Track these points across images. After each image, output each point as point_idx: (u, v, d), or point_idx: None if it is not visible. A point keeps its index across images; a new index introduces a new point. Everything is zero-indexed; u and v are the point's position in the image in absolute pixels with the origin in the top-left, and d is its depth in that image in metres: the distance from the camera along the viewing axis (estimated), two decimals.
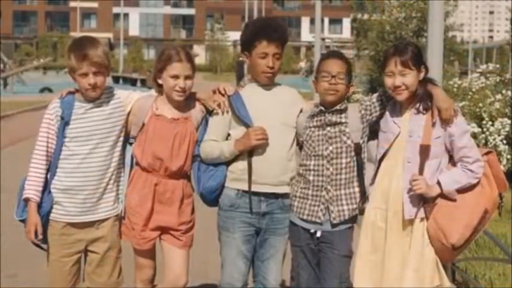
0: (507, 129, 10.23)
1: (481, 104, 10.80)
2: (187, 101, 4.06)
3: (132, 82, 37.31)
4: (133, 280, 4.20)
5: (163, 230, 4.05)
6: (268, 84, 4.00)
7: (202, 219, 4.18)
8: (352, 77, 4.03)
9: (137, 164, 4.05)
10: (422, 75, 3.76)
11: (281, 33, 3.96)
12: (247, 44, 3.95)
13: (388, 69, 3.73)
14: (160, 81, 4.02)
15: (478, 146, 9.69)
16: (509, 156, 10.05)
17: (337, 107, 3.89)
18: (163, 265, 4.13)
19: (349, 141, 3.87)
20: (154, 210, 4.01)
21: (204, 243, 4.35)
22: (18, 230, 4.04)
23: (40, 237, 3.94)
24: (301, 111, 3.99)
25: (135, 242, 4.05)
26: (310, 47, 53.73)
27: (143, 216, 4.00)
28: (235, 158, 3.92)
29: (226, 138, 3.97)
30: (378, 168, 3.84)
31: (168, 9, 73.10)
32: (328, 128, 3.89)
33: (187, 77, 3.96)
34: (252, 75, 4.03)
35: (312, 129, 3.92)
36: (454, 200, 3.66)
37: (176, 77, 3.94)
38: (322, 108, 3.91)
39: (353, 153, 3.87)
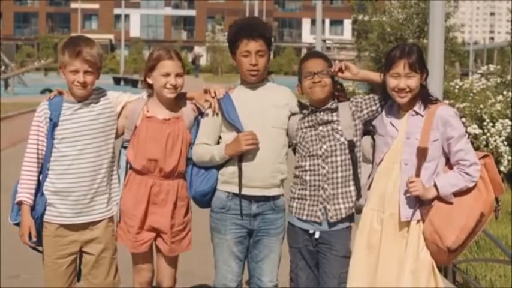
0: (508, 130, 10.24)
1: (482, 105, 10.81)
2: (178, 100, 4.08)
3: (133, 83, 37.29)
4: (131, 281, 4.22)
5: (157, 232, 4.07)
6: (258, 84, 4.00)
7: (202, 220, 4.19)
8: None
9: (131, 167, 4.06)
10: (424, 78, 3.77)
11: (261, 30, 3.95)
12: (232, 45, 3.97)
13: (395, 71, 3.72)
14: (150, 81, 4.03)
15: (479, 147, 9.75)
16: (510, 158, 10.05)
17: (328, 106, 3.91)
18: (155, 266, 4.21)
19: (342, 139, 3.88)
20: (148, 211, 4.02)
21: (203, 243, 4.35)
22: (19, 230, 4.04)
23: (34, 239, 3.95)
24: (293, 113, 4.00)
25: (130, 245, 4.06)
26: (311, 48, 53.76)
27: (139, 219, 4.01)
28: (226, 161, 3.92)
29: (218, 141, 3.98)
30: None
31: (169, 11, 73.10)
32: (320, 128, 3.90)
33: (178, 75, 3.99)
34: (240, 76, 4.04)
35: (304, 130, 3.93)
36: (451, 203, 3.66)
37: (167, 74, 3.96)
38: (313, 108, 3.92)
39: (347, 151, 3.88)
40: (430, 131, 3.68)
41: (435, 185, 3.66)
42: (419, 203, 3.68)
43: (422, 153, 3.67)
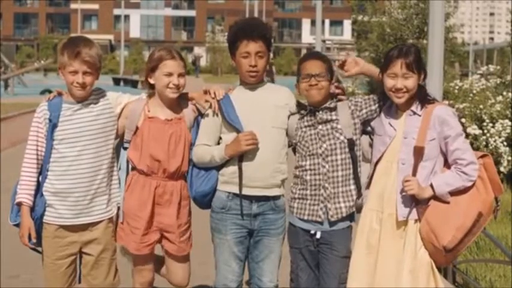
0: (508, 131, 10.24)
1: (481, 106, 10.81)
2: (180, 101, 4.08)
3: (133, 84, 37.27)
4: (131, 281, 4.22)
5: (163, 233, 4.06)
6: (257, 85, 4.00)
7: (202, 220, 4.20)
8: (335, 74, 4.04)
9: (134, 168, 4.05)
10: (422, 78, 3.77)
11: (261, 31, 3.94)
12: (232, 45, 3.97)
13: (392, 71, 3.73)
14: (152, 81, 4.03)
15: (479, 148, 9.74)
16: (509, 158, 10.06)
17: (327, 105, 3.91)
18: (166, 268, 4.20)
19: (342, 137, 3.88)
20: (154, 212, 4.02)
21: (203, 244, 4.36)
22: (19, 231, 4.05)
23: (34, 240, 3.95)
24: (292, 113, 4.00)
25: (134, 248, 4.05)
26: (310, 49, 53.76)
27: (144, 221, 4.01)
28: (226, 161, 3.93)
29: (218, 142, 3.98)
30: (374, 170, 3.84)
31: (169, 11, 73.10)
32: (320, 127, 3.91)
33: (180, 75, 3.99)
34: (239, 77, 4.04)
35: (304, 129, 3.94)
36: (448, 202, 3.66)
37: (170, 74, 3.96)
38: (312, 107, 3.93)
39: (347, 150, 3.88)
40: (427, 131, 3.69)
41: (431, 185, 3.67)
42: (416, 202, 3.69)
43: (418, 153, 3.68)
